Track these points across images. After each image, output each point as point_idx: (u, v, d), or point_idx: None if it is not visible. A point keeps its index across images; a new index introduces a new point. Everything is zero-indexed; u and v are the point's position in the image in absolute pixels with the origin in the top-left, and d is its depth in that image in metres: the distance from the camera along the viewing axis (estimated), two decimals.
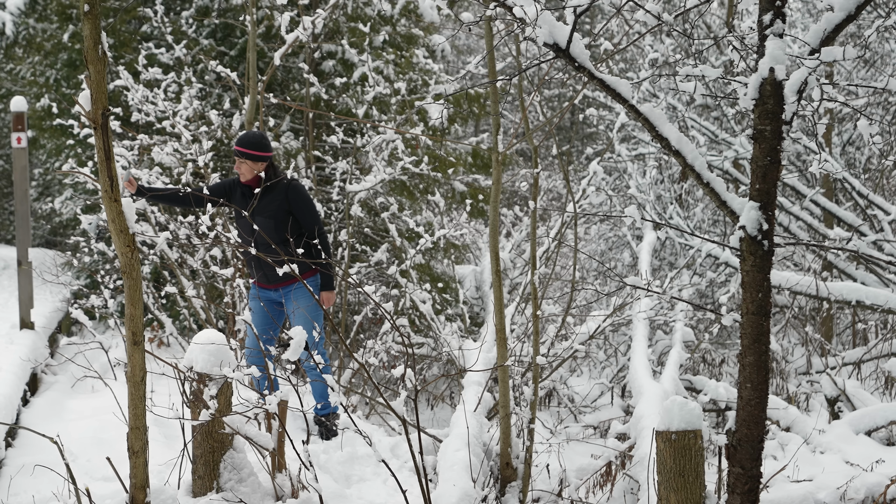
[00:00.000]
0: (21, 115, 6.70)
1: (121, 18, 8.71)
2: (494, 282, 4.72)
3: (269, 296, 5.25)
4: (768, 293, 3.01)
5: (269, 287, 5.21)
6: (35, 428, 4.06)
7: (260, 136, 5.13)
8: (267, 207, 5.07)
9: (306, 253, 5.00)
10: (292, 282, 5.12)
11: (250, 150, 5.06)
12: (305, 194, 5.17)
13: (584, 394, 7.88)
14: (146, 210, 6.83)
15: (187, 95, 7.37)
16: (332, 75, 8.65)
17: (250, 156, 5.06)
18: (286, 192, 5.09)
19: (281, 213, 5.06)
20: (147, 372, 3.38)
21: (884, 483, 4.27)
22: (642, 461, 4.38)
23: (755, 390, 3.05)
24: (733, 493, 3.13)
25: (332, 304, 5.24)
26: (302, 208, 5.10)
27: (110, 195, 3.09)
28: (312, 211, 5.15)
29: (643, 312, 7.35)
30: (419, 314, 7.62)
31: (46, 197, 11.67)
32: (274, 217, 5.05)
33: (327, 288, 5.17)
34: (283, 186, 5.11)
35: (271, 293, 5.24)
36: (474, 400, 5.34)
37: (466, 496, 4.05)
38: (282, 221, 5.05)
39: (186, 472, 4.08)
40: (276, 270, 4.88)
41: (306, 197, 5.16)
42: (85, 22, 2.94)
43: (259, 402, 3.91)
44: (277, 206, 5.07)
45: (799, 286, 6.96)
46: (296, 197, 5.10)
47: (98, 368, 5.00)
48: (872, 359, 7.66)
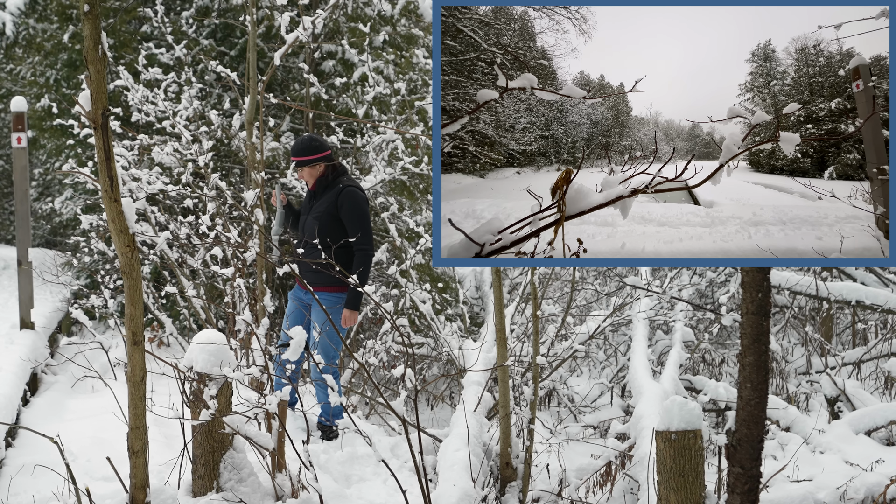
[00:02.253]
0: (21, 115, 6.70)
1: (121, 18, 8.71)
2: (494, 282, 4.71)
3: (300, 295, 5.20)
4: (768, 293, 3.01)
5: (302, 288, 5.13)
6: (35, 428, 4.06)
7: (309, 140, 5.04)
8: (318, 209, 5.00)
9: (342, 265, 4.74)
10: (318, 290, 4.90)
11: (301, 157, 5.00)
12: (355, 203, 4.95)
13: (583, 394, 7.88)
14: (146, 210, 6.83)
15: (187, 95, 7.37)
16: (332, 75, 8.65)
17: (303, 162, 5.01)
18: (338, 197, 4.97)
19: (327, 217, 4.95)
20: (147, 372, 3.39)
21: (883, 483, 4.27)
22: (642, 461, 4.38)
23: (755, 390, 3.05)
24: (733, 493, 3.13)
25: (352, 324, 4.96)
26: (349, 215, 4.92)
27: (110, 195, 3.09)
28: (360, 221, 4.93)
29: (643, 312, 7.36)
30: (419, 314, 7.61)
31: (46, 197, 11.67)
32: (320, 219, 4.95)
33: (351, 307, 4.91)
34: (338, 191, 4.98)
35: (301, 294, 5.18)
36: (474, 400, 5.34)
37: (466, 496, 4.05)
38: (327, 224, 4.92)
39: (186, 472, 4.08)
40: (309, 273, 4.88)
41: (355, 206, 4.95)
42: (85, 22, 2.94)
43: (259, 401, 3.91)
44: (326, 209, 4.97)
45: (799, 286, 6.96)
46: (345, 202, 4.94)
47: (98, 368, 5.00)
48: (872, 359, 7.66)
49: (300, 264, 4.88)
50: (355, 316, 4.94)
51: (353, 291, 4.88)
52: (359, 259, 4.90)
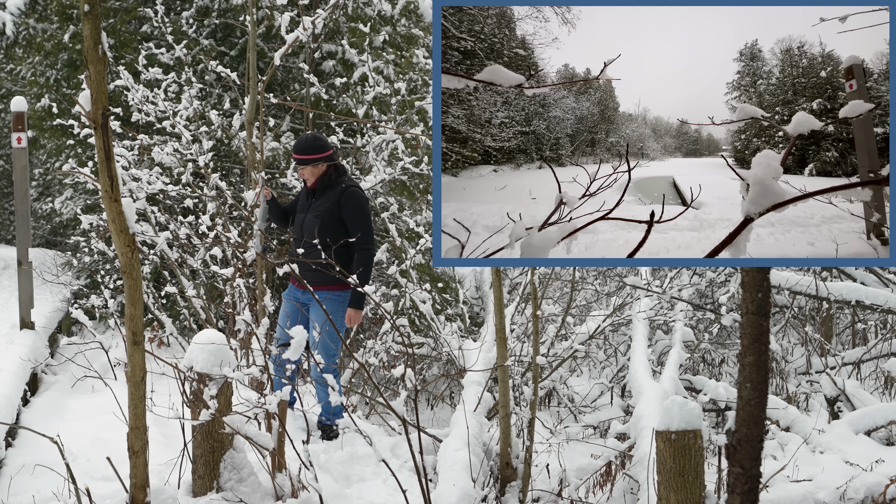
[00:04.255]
0: (21, 115, 6.70)
1: (121, 18, 8.71)
2: (494, 282, 4.71)
3: (296, 295, 5.19)
4: (768, 293, 3.01)
5: (298, 287, 5.12)
6: (35, 428, 4.06)
7: (312, 139, 5.03)
8: (319, 208, 5.00)
9: (343, 264, 4.74)
10: (318, 289, 4.89)
11: (304, 156, 5.00)
12: (358, 203, 4.97)
13: (583, 394, 7.88)
14: (146, 210, 6.83)
15: (187, 95, 7.37)
16: (332, 75, 8.65)
17: (307, 161, 5.01)
18: (340, 197, 4.98)
19: (329, 216, 4.95)
20: (147, 372, 3.39)
21: (883, 483, 4.27)
22: (642, 461, 4.38)
23: (755, 390, 3.05)
24: (733, 493, 3.13)
25: (356, 323, 4.98)
26: (351, 215, 4.94)
27: (110, 195, 3.09)
28: (362, 222, 4.95)
29: (643, 312, 7.36)
30: (419, 314, 7.61)
31: (46, 197, 11.67)
32: (321, 218, 4.95)
33: (355, 306, 4.94)
34: (340, 190, 4.99)
35: (299, 294, 5.16)
36: (474, 400, 5.34)
37: (466, 496, 4.05)
38: (328, 224, 4.93)
39: (186, 472, 4.08)
40: (309, 272, 4.86)
41: (358, 206, 4.97)
42: (85, 22, 2.94)
43: (259, 401, 3.91)
44: (328, 208, 4.97)
45: (799, 286, 6.96)
46: (349, 202, 4.96)
47: (98, 368, 5.01)
48: (872, 359, 7.66)
49: (300, 264, 4.87)
50: (359, 315, 4.95)
51: (356, 291, 4.88)
52: (361, 258, 4.91)
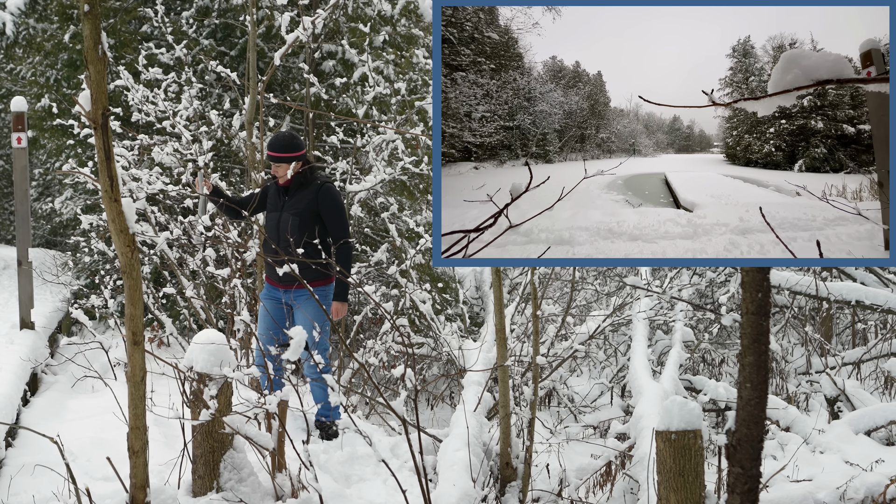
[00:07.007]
0: (21, 115, 6.70)
1: (121, 18, 8.71)
2: (494, 281, 4.71)
3: (276, 295, 5.21)
4: (768, 293, 3.00)
5: (278, 286, 5.15)
6: (35, 428, 4.06)
7: (290, 137, 5.09)
8: (296, 205, 5.05)
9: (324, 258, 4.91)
10: (302, 286, 4.88)
11: (280, 153, 5.04)
12: (336, 199, 5.08)
13: (583, 394, 7.88)
14: (146, 210, 6.83)
15: (187, 95, 7.37)
16: (332, 75, 8.65)
17: (284, 158, 5.04)
18: (317, 193, 5.05)
19: (307, 213, 5.03)
20: (147, 372, 3.39)
21: (883, 483, 4.27)
22: (642, 461, 4.38)
23: (755, 390, 3.05)
24: (733, 493, 3.13)
25: (342, 316, 5.09)
26: (329, 212, 5.04)
27: (110, 195, 3.09)
28: (339, 217, 5.06)
29: (643, 312, 7.36)
30: (419, 314, 7.61)
31: (46, 197, 11.68)
32: (300, 215, 5.02)
33: (340, 299, 5.04)
34: (316, 187, 5.07)
35: (280, 293, 5.18)
36: (474, 400, 5.34)
37: (466, 496, 4.05)
38: (307, 221, 5.00)
39: (186, 472, 4.08)
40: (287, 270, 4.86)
41: (336, 202, 5.07)
42: (85, 22, 2.94)
43: (259, 401, 3.91)
44: (306, 206, 5.04)
45: (799, 286, 6.96)
46: (324, 199, 5.04)
47: (98, 368, 5.00)
48: (872, 359, 7.66)
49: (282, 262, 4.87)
50: (345, 307, 5.06)
51: (340, 283, 4.98)
52: (342, 252, 5.01)
